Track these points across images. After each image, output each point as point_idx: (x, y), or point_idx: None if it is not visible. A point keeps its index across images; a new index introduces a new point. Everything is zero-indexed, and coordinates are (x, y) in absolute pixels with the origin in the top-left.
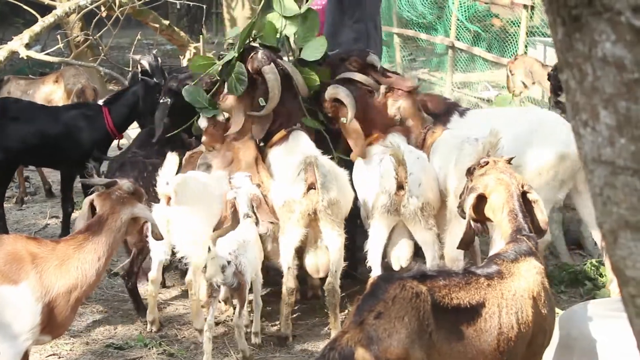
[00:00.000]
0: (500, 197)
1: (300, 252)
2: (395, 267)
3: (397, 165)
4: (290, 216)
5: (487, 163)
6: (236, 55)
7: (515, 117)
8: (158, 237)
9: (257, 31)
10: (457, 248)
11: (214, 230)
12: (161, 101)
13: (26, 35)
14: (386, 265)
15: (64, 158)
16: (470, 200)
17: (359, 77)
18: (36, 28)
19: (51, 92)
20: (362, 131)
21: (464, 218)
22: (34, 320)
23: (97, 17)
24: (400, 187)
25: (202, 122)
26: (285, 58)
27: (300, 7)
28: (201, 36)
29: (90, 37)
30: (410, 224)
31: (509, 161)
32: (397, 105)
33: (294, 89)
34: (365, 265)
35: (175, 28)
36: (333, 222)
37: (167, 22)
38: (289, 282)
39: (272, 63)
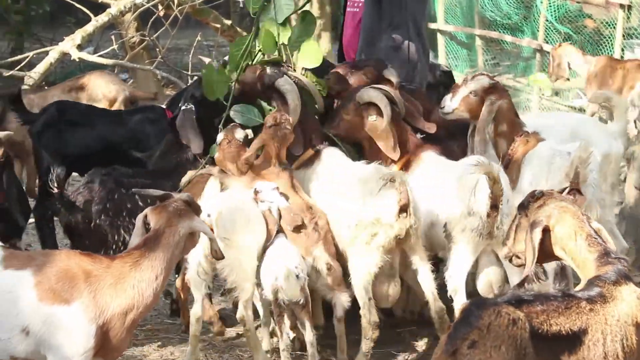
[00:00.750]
0: (569, 225)
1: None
2: (487, 294)
3: (492, 184)
4: (371, 240)
5: (542, 194)
6: (235, 78)
7: (553, 122)
8: (218, 255)
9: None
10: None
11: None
12: (184, 107)
13: (78, 35)
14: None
15: (125, 165)
16: (537, 236)
17: (392, 94)
18: (89, 28)
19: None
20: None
21: (516, 264)
22: (87, 343)
23: (154, 17)
24: (494, 207)
25: (218, 137)
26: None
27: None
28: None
29: (147, 38)
30: (499, 247)
31: (562, 191)
32: (495, 106)
33: (308, 102)
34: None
35: (238, 29)
36: (421, 247)
37: (228, 22)
38: (371, 315)
39: (284, 76)
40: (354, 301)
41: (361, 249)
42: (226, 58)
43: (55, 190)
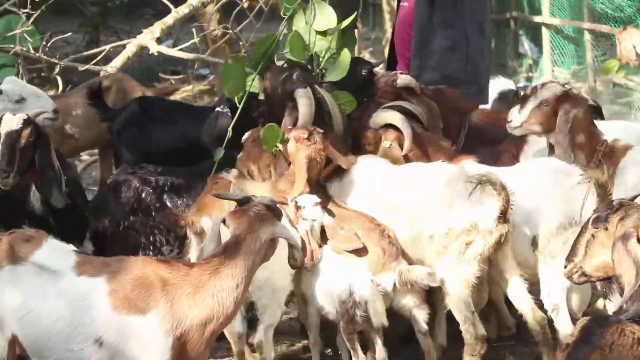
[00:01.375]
0: None
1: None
2: (579, 311)
3: (602, 194)
4: (466, 249)
5: (621, 205)
6: (254, 76)
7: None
8: (297, 264)
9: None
10: None
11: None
12: (219, 109)
13: (157, 28)
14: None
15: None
16: (635, 247)
17: (410, 107)
18: (168, 20)
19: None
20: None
21: (579, 281)
22: (163, 355)
23: (237, 9)
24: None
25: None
26: None
27: (340, 21)
28: (356, 30)
29: (229, 31)
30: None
31: (633, 199)
32: (571, 115)
33: (325, 122)
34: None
35: None
36: (512, 255)
37: None
38: (477, 328)
39: (308, 87)
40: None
41: (454, 259)
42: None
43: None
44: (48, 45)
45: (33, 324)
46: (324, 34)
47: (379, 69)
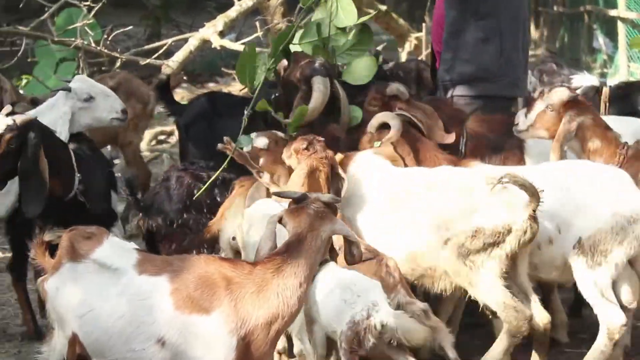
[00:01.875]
0: None
1: None
2: (630, 304)
3: None
4: (493, 250)
5: None
6: (271, 65)
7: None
8: (356, 260)
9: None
10: None
11: None
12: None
13: (220, 21)
14: None
15: None
16: None
17: (409, 115)
18: (232, 13)
19: None
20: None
21: None
22: (228, 356)
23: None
24: None
25: (260, 141)
26: None
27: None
28: (424, 25)
29: (294, 24)
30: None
31: None
32: (574, 124)
33: (333, 118)
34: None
35: (393, 14)
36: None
37: (384, 8)
38: (521, 310)
39: (327, 77)
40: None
41: (482, 257)
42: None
43: (129, 197)
44: (109, 38)
45: (93, 322)
46: (343, 29)
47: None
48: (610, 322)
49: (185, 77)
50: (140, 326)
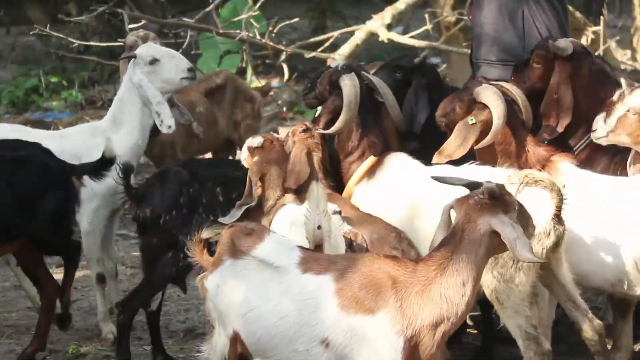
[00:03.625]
0: None
1: None
2: None
3: None
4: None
5: None
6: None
7: None
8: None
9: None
10: None
11: None
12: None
13: (388, 13)
14: None
15: None
16: None
17: (511, 89)
18: (400, 5)
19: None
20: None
21: None
22: (395, 358)
23: None
24: None
25: (256, 140)
26: None
27: None
28: (601, 18)
29: (464, 17)
30: None
31: None
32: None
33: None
34: None
35: (570, 7)
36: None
37: None
38: (542, 344)
39: (353, 73)
40: None
41: (509, 269)
42: None
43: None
44: (274, 31)
45: (256, 321)
46: None
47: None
48: None
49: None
50: (304, 326)
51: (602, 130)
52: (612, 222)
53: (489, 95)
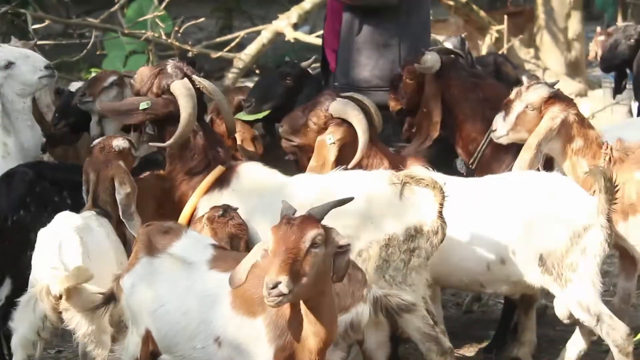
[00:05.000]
0: None
1: None
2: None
3: (607, 185)
4: (412, 257)
5: None
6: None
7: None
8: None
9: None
10: None
11: None
12: None
13: (294, 13)
14: None
15: None
16: None
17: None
18: (306, 5)
19: None
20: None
21: None
22: None
23: None
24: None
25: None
26: None
27: None
28: (505, 17)
29: None
30: None
31: None
32: (558, 120)
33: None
34: None
35: (474, 7)
36: None
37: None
38: (442, 343)
39: (184, 78)
40: None
41: (402, 271)
42: None
43: None
44: (180, 31)
45: (164, 317)
46: None
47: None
48: (614, 337)
49: (257, 71)
50: (202, 323)
51: (502, 129)
52: (464, 224)
53: (348, 110)
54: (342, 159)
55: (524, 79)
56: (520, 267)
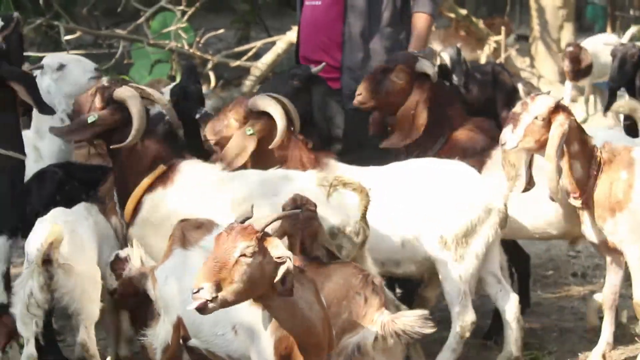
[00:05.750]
0: None
1: None
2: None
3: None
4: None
5: None
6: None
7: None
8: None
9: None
10: None
11: None
12: None
13: None
14: None
15: None
16: None
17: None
18: None
19: None
20: None
21: None
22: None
23: None
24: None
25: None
26: None
27: None
28: (502, 28)
29: None
30: None
31: None
32: (566, 127)
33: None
34: None
35: (473, 18)
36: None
37: (464, 12)
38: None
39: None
40: None
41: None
42: None
43: None
44: (201, 41)
45: None
46: None
47: None
48: (463, 320)
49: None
50: (222, 311)
51: (513, 141)
52: (377, 208)
53: (265, 102)
54: (262, 153)
55: (520, 86)
56: (424, 246)
